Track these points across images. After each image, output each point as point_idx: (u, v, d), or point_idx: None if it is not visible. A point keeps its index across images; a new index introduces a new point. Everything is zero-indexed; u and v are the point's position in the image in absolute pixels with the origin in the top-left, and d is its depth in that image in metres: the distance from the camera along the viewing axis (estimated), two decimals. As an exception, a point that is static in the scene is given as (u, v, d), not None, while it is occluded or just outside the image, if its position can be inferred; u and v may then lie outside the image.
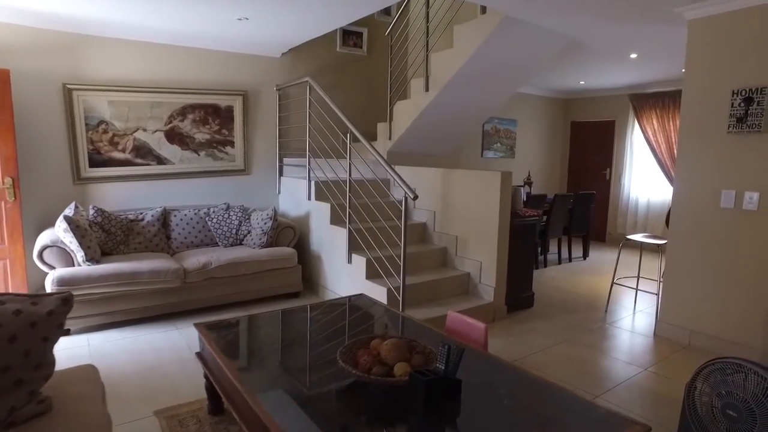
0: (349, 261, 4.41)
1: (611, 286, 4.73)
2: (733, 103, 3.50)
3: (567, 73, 6.70)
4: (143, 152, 4.89)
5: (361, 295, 3.31)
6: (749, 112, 3.42)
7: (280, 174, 5.73)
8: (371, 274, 4.19)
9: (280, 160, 5.71)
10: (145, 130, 4.88)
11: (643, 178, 7.78)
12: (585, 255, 6.99)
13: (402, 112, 5.26)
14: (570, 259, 6.80)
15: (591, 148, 8.50)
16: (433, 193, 4.87)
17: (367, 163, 5.38)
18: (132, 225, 4.55)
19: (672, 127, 7.25)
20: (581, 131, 8.62)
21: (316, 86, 4.79)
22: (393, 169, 3.93)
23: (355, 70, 6.20)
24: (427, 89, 4.85)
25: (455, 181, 4.59)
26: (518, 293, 4.57)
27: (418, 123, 5.10)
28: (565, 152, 8.90)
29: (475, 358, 2.22)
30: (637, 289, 5.05)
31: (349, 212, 4.41)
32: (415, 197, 3.64)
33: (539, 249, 6.43)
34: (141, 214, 4.67)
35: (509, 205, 4.20)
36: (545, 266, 6.41)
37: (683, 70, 3.78)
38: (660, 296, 4.09)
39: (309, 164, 5.07)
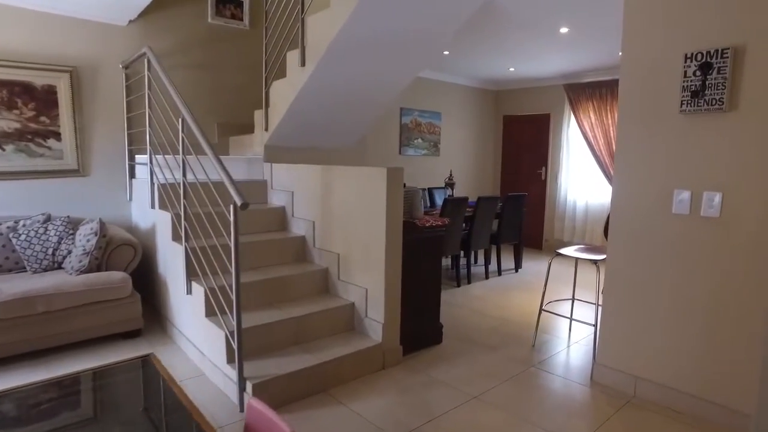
0: (188, 291, 3.23)
1: (539, 312, 3.75)
2: (686, 72, 2.56)
3: (493, 57, 5.76)
4: None
5: (148, 356, 2.14)
6: (707, 83, 2.49)
7: (131, 175, 4.47)
8: (211, 311, 3.03)
9: (131, 158, 4.45)
10: None
11: (581, 178, 6.95)
12: (517, 266, 6.06)
13: (278, 95, 4.12)
14: (499, 272, 5.84)
15: (525, 145, 7.63)
16: (313, 198, 3.76)
17: (245, 162, 4.23)
18: None
19: (611, 121, 6.44)
20: (515, 126, 7.75)
21: (155, 59, 3.59)
22: (222, 164, 2.79)
23: (234, 48, 5.01)
24: (303, 63, 3.73)
25: (335, 180, 3.50)
26: (420, 327, 3.51)
27: (297, 107, 3.97)
28: (497, 149, 8.00)
29: None
30: (571, 319, 4.10)
31: (185, 225, 3.23)
32: (245, 205, 2.50)
33: (460, 263, 5.43)
34: None
35: (401, 212, 3.13)
36: (469, 282, 5.41)
37: (621, 53, 2.82)
38: (597, 328, 3.12)
39: (151, 162, 3.85)
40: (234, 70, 5.02)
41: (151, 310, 4.03)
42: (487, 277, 5.64)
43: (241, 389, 2.61)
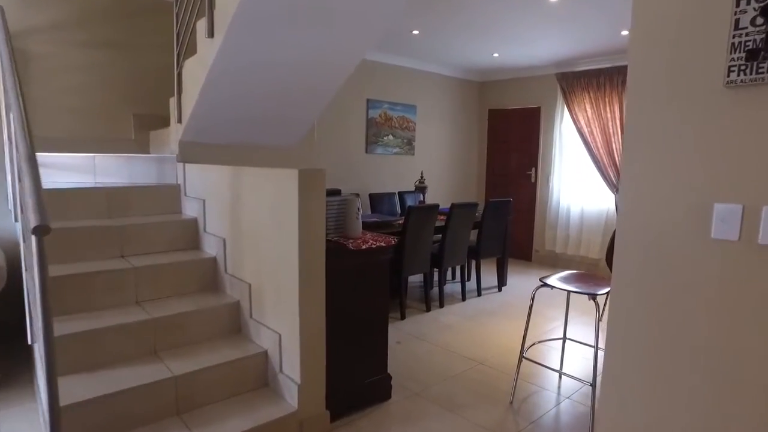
0: (32, 338, 2.34)
1: (519, 360, 2.87)
2: (737, 22, 1.68)
3: (472, 37, 4.88)
4: None
5: None
6: None
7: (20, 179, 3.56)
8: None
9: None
10: None
11: (576, 181, 6.08)
12: (500, 284, 5.19)
13: (190, 77, 3.24)
14: (479, 292, 4.96)
15: (513, 143, 6.76)
16: (224, 208, 2.88)
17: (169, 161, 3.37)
18: None
19: (609, 115, 5.58)
20: (501, 121, 6.88)
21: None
22: (32, 164, 1.89)
23: (153, 23, 4.12)
24: (211, 33, 2.84)
25: (244, 186, 2.62)
26: (358, 381, 2.63)
27: (212, 93, 3.08)
28: (481, 148, 7.13)
29: None
30: (561, 373, 3.22)
31: (38, 245, 2.34)
32: (40, 229, 1.61)
33: (431, 281, 4.56)
34: None
35: (321, 230, 2.25)
36: (441, 306, 4.53)
37: (624, 32, 1.91)
38: (597, 393, 2.25)
39: (9, 161, 2.96)
40: (155, 49, 4.13)
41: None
42: (464, 299, 4.76)
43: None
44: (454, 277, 5.60)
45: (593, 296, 2.46)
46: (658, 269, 1.90)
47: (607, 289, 2.46)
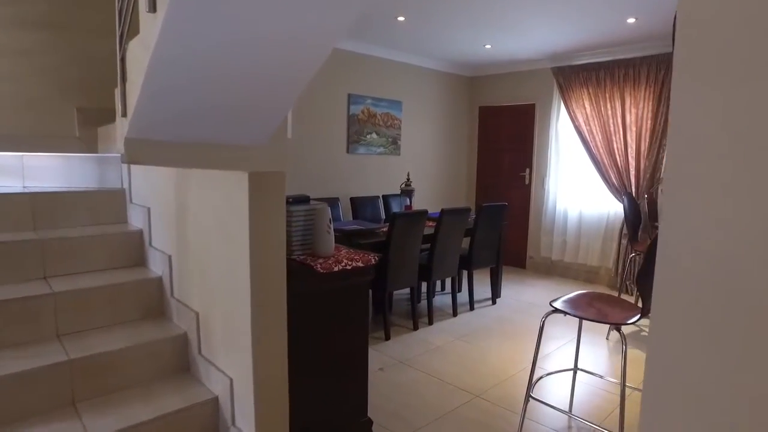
0: None
1: (526, 399, 2.41)
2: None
3: (463, 27, 4.44)
4: None
5: None
6: None
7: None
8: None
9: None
10: None
11: (574, 183, 5.67)
12: (494, 297, 4.74)
13: (134, 62, 2.74)
14: (471, 306, 4.52)
15: (506, 142, 6.34)
16: (170, 219, 2.39)
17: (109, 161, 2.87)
18: None
19: (610, 112, 5.17)
20: (493, 119, 6.45)
21: None
22: None
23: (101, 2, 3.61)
24: (152, 7, 2.34)
25: (191, 192, 2.14)
26: (330, 428, 2.16)
27: (159, 80, 2.57)
28: (472, 148, 6.70)
29: None
30: (571, 415, 2.78)
31: None
32: None
33: (420, 293, 4.11)
34: None
35: (281, 246, 1.78)
36: (430, 323, 4.07)
37: (631, 20, 1.46)
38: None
39: None
40: (104, 32, 3.61)
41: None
42: (455, 314, 4.31)
43: None
44: (443, 288, 5.15)
45: (618, 327, 2.01)
46: (717, 304, 1.44)
47: (635, 317, 2.02)
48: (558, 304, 2.22)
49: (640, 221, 4.89)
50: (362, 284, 2.16)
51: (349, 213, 4.93)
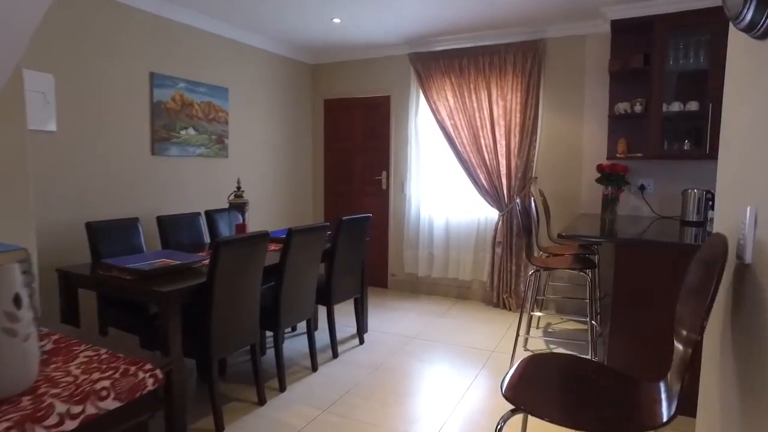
0: None
1: None
2: None
3: (304, -17, 3.35)
4: None
5: None
6: None
7: None
8: None
9: None
10: None
11: (439, 187, 4.94)
12: (361, 334, 3.74)
13: None
14: (335, 353, 3.44)
15: (357, 141, 5.40)
16: None
17: None
18: None
19: (476, 104, 4.52)
20: (342, 114, 5.47)
21: None
22: None
23: None
24: None
25: None
26: None
27: None
28: (318, 148, 5.64)
29: None
30: None
31: None
32: None
33: (265, 343, 2.92)
34: None
35: None
36: (282, 389, 2.90)
37: None
38: None
39: None
40: None
41: None
42: (314, 368, 3.19)
43: None
44: (294, 329, 4.00)
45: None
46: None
47: (669, 411, 1.13)
48: (521, 399, 1.24)
49: (536, 228, 4.30)
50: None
51: (155, 239, 3.52)
